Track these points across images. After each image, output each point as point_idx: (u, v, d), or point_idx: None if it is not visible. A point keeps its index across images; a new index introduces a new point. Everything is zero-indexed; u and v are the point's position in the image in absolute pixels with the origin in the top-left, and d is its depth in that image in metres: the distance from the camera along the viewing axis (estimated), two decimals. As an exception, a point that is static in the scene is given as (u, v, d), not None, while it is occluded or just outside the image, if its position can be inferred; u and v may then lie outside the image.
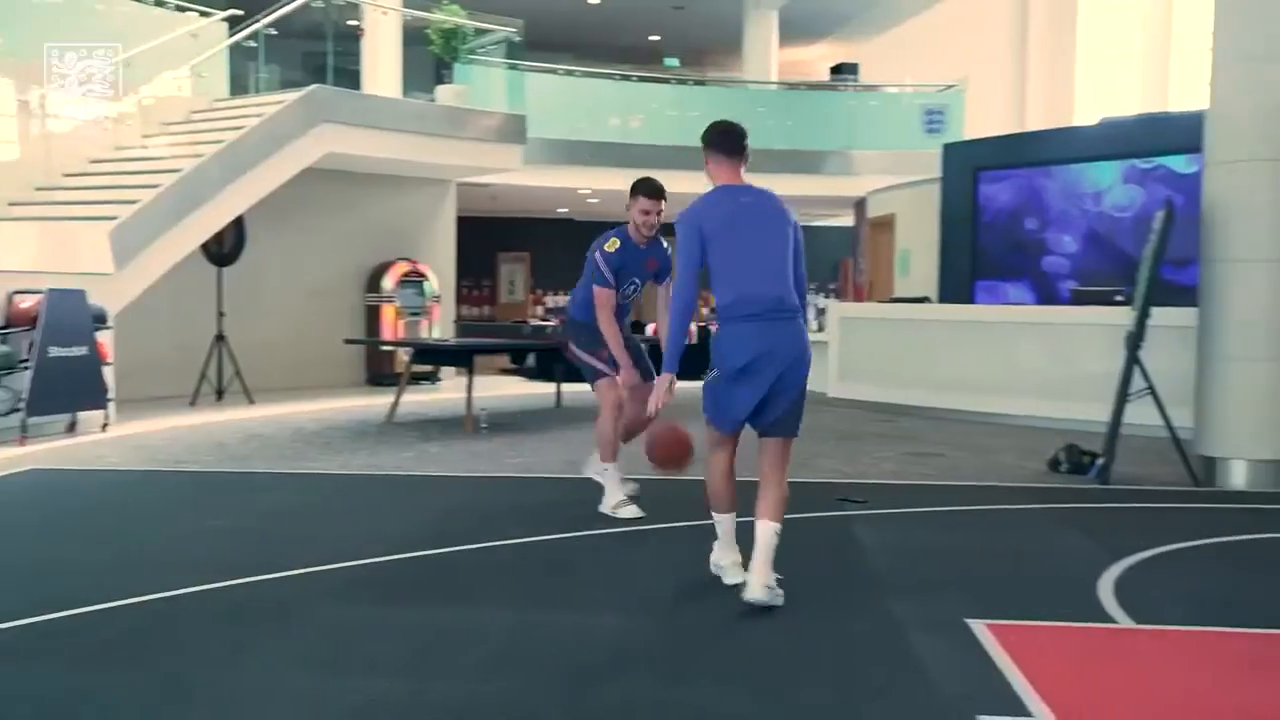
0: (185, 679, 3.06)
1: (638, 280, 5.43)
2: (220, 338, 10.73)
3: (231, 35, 11.09)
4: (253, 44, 10.94)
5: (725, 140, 4.04)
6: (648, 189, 5.30)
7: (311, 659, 3.26)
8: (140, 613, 3.71)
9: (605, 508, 5.27)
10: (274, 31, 10.79)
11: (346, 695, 2.95)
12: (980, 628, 3.53)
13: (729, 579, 3.98)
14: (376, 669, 3.16)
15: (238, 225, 10.74)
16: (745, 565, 3.87)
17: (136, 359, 9.93)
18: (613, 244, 5.28)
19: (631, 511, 5.20)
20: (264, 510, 5.67)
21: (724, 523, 4.03)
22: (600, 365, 5.39)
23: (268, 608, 3.80)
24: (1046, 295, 10.81)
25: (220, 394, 10.78)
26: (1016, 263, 11.25)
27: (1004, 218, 11.38)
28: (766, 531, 3.77)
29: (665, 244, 5.34)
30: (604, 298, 5.30)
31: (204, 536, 4.99)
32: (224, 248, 10.80)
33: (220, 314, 10.74)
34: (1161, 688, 3.05)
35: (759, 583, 3.69)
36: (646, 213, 5.27)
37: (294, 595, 3.97)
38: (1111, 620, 3.72)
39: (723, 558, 4.05)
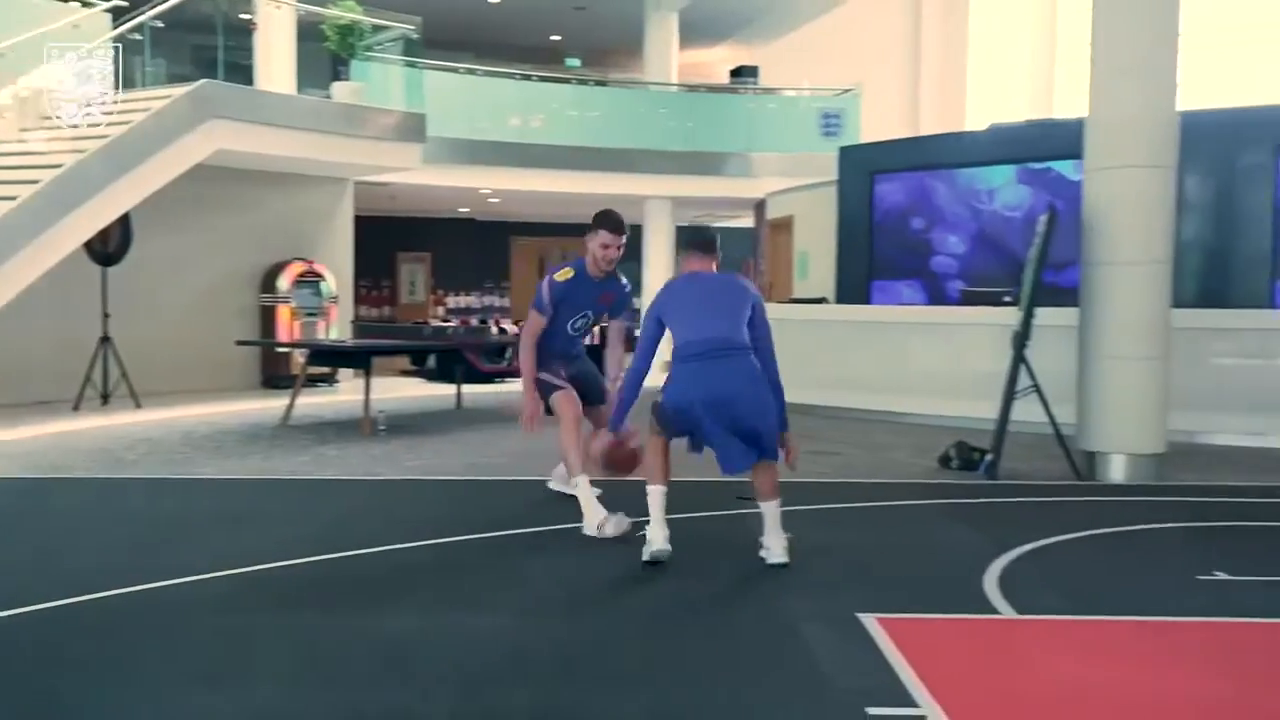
0: (62, 695, 2.96)
1: (589, 313, 5.32)
2: (105, 340, 10.37)
3: (116, 27, 10.72)
4: (138, 37, 10.59)
5: (700, 244, 4.69)
6: (610, 223, 5.14)
7: (198, 669, 3.17)
8: (13, 626, 3.57)
9: (588, 529, 4.88)
10: (160, 24, 10.46)
11: (233, 705, 2.88)
12: (871, 622, 3.61)
13: (650, 551, 4.33)
14: (265, 678, 3.10)
15: (123, 223, 10.39)
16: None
17: (16, 362, 9.55)
18: (565, 273, 5.15)
19: (614, 526, 4.80)
20: (150, 517, 5.50)
21: (655, 494, 4.39)
22: (555, 380, 5.22)
23: (152, 618, 3.68)
24: (938, 295, 11.10)
25: (105, 398, 10.42)
26: (910, 263, 11.52)
27: (898, 219, 11.65)
28: (769, 507, 4.38)
29: (624, 280, 5.35)
30: (534, 323, 5.20)
31: (85, 545, 4.82)
32: (109, 247, 10.44)
33: (105, 315, 10.37)
34: (1042, 677, 3.16)
35: (777, 548, 4.32)
36: (606, 246, 5.12)
37: (181, 604, 3.86)
38: (996, 611, 3.85)
39: (652, 530, 4.37)
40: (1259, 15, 15.96)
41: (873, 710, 2.88)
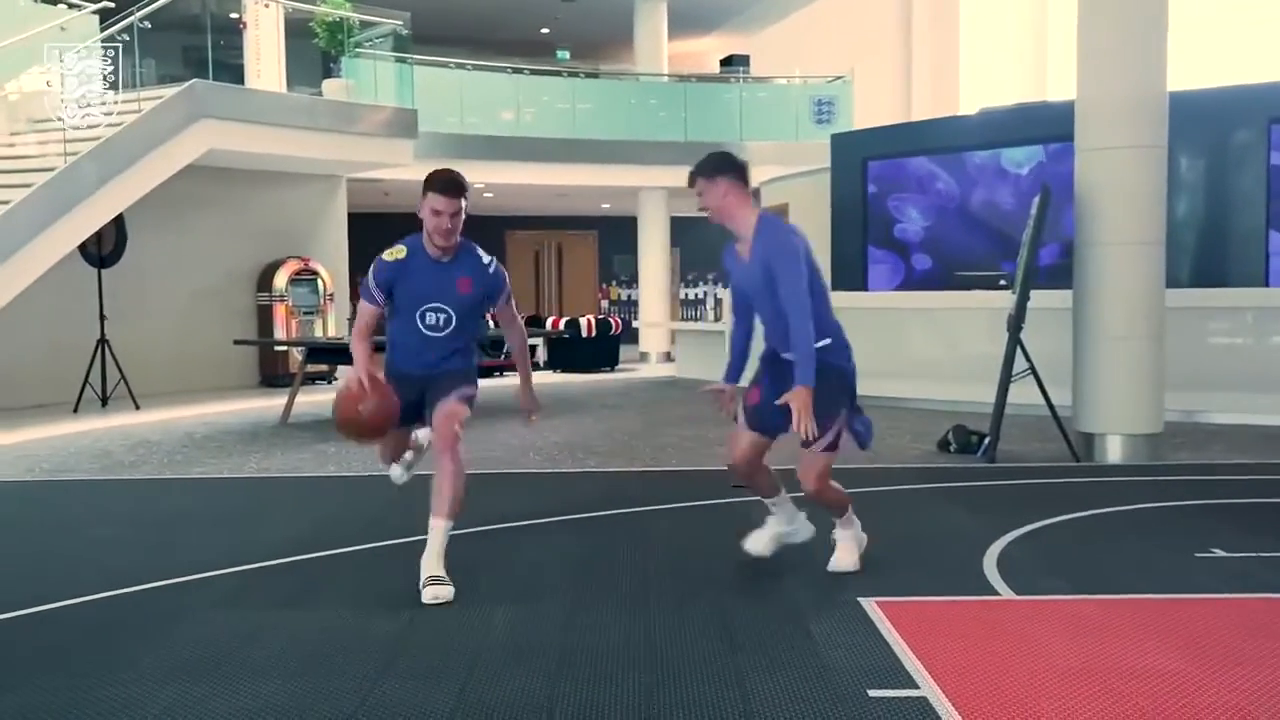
0: (60, 695, 2.97)
1: (446, 308, 3.98)
2: (103, 342, 10.38)
3: (104, 29, 10.70)
4: (126, 38, 10.57)
5: (747, 171, 4.06)
6: (441, 184, 3.91)
7: (196, 667, 3.18)
8: (15, 628, 3.59)
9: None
10: (148, 25, 10.44)
11: (231, 701, 2.89)
12: (871, 605, 3.63)
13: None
14: (264, 674, 3.11)
15: (117, 225, 10.40)
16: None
17: (13, 366, 9.57)
18: (395, 251, 4.01)
19: (396, 472, 4.52)
20: (150, 518, 5.52)
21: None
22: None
23: (153, 617, 3.70)
24: (933, 278, 11.12)
25: (105, 400, 10.43)
26: (903, 247, 11.53)
27: (891, 205, 11.66)
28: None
29: (486, 258, 4.08)
30: (364, 315, 4.06)
31: (86, 547, 4.83)
32: (103, 248, 10.45)
33: (102, 317, 10.38)
34: (1042, 657, 3.18)
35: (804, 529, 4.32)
36: (438, 213, 3.87)
37: (179, 603, 3.87)
38: (995, 593, 3.87)
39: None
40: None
41: (874, 693, 2.90)
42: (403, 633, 3.48)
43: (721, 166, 3.97)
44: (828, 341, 3.86)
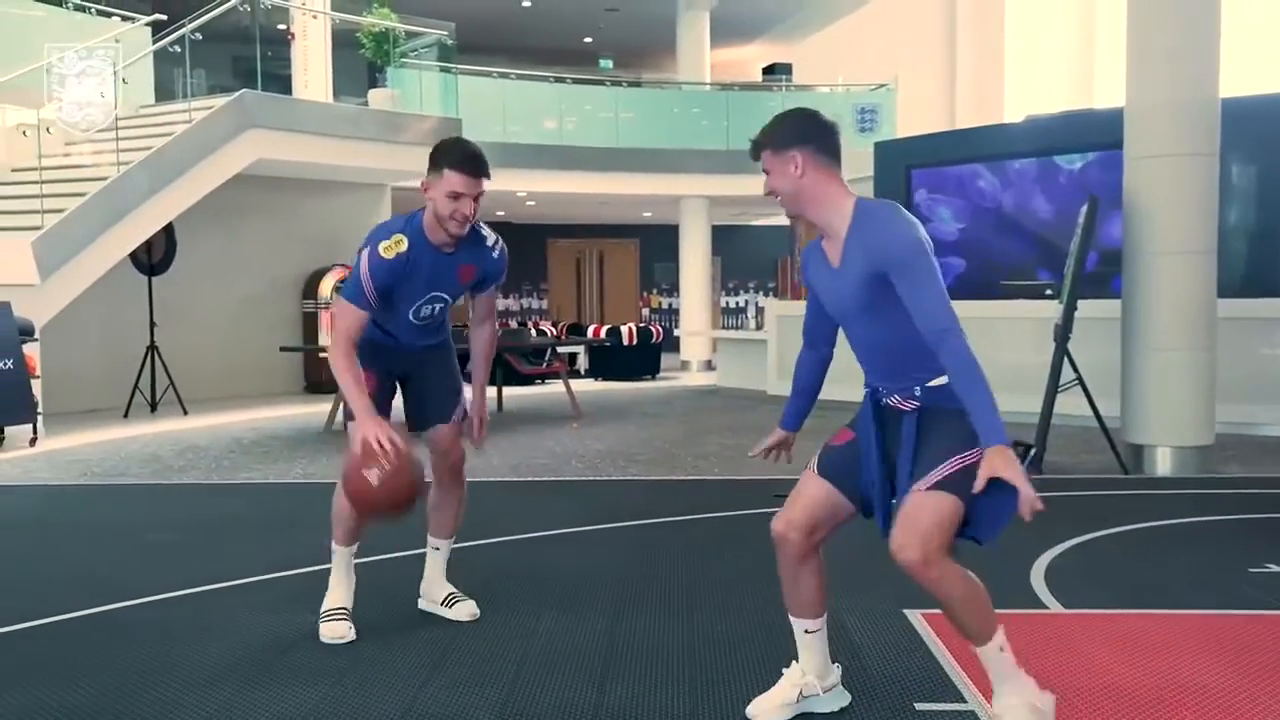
0: (108, 697, 3.01)
1: (446, 296, 3.44)
2: (153, 348, 10.55)
3: (156, 41, 10.91)
4: (178, 49, 10.76)
5: (835, 137, 2.75)
6: (462, 158, 3.28)
7: (242, 671, 3.22)
8: (66, 630, 3.65)
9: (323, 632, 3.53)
10: (199, 36, 10.63)
11: (277, 706, 2.92)
12: (916, 617, 3.60)
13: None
14: (310, 680, 3.14)
15: (167, 233, 10.58)
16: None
17: (66, 372, 9.74)
18: (394, 246, 3.25)
19: (336, 631, 3.50)
20: (199, 523, 5.59)
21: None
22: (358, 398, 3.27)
23: (198, 621, 3.74)
24: (980, 287, 11.00)
25: (154, 406, 10.60)
26: (947, 257, 11.43)
27: (935, 213, 11.58)
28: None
29: (491, 238, 3.49)
30: (350, 322, 3.27)
31: (136, 551, 4.91)
32: (153, 257, 10.63)
33: (152, 324, 10.55)
34: (1088, 670, 3.14)
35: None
36: (458, 196, 3.24)
37: (226, 608, 3.92)
38: (1043, 606, 3.82)
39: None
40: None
41: (921, 706, 2.87)
42: (447, 639, 3.50)
43: (797, 132, 2.67)
44: (944, 380, 2.70)
